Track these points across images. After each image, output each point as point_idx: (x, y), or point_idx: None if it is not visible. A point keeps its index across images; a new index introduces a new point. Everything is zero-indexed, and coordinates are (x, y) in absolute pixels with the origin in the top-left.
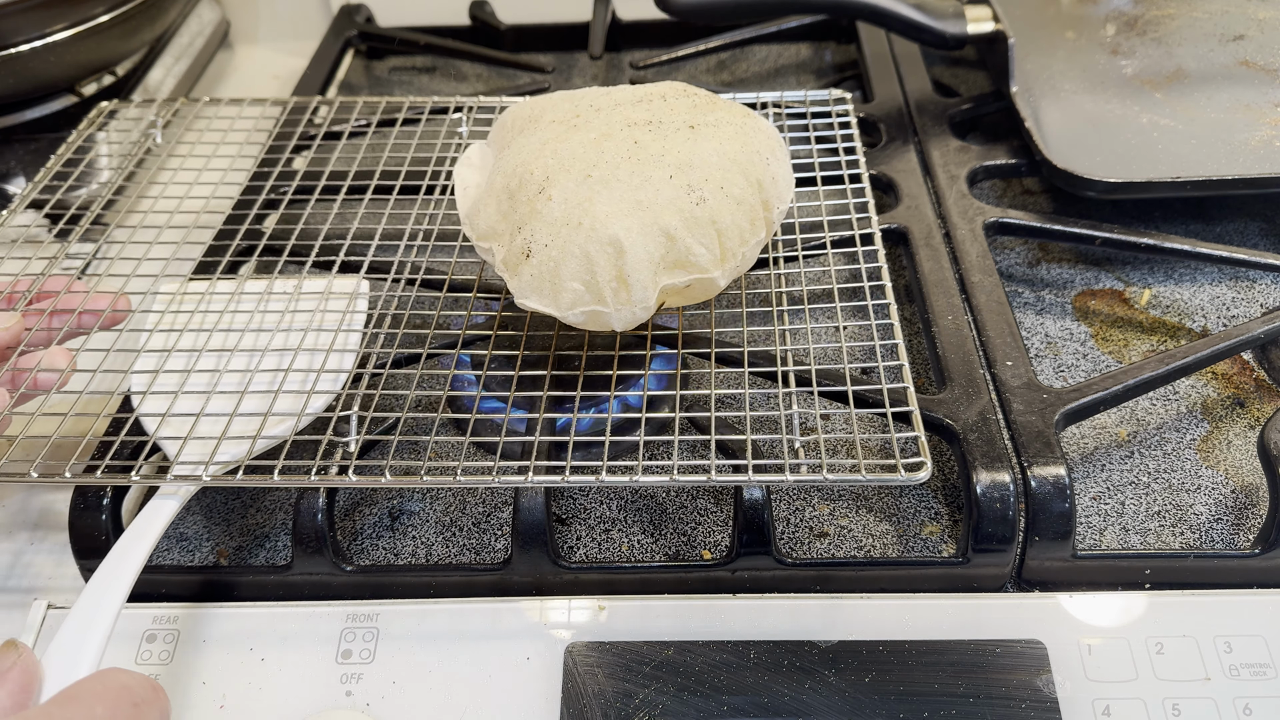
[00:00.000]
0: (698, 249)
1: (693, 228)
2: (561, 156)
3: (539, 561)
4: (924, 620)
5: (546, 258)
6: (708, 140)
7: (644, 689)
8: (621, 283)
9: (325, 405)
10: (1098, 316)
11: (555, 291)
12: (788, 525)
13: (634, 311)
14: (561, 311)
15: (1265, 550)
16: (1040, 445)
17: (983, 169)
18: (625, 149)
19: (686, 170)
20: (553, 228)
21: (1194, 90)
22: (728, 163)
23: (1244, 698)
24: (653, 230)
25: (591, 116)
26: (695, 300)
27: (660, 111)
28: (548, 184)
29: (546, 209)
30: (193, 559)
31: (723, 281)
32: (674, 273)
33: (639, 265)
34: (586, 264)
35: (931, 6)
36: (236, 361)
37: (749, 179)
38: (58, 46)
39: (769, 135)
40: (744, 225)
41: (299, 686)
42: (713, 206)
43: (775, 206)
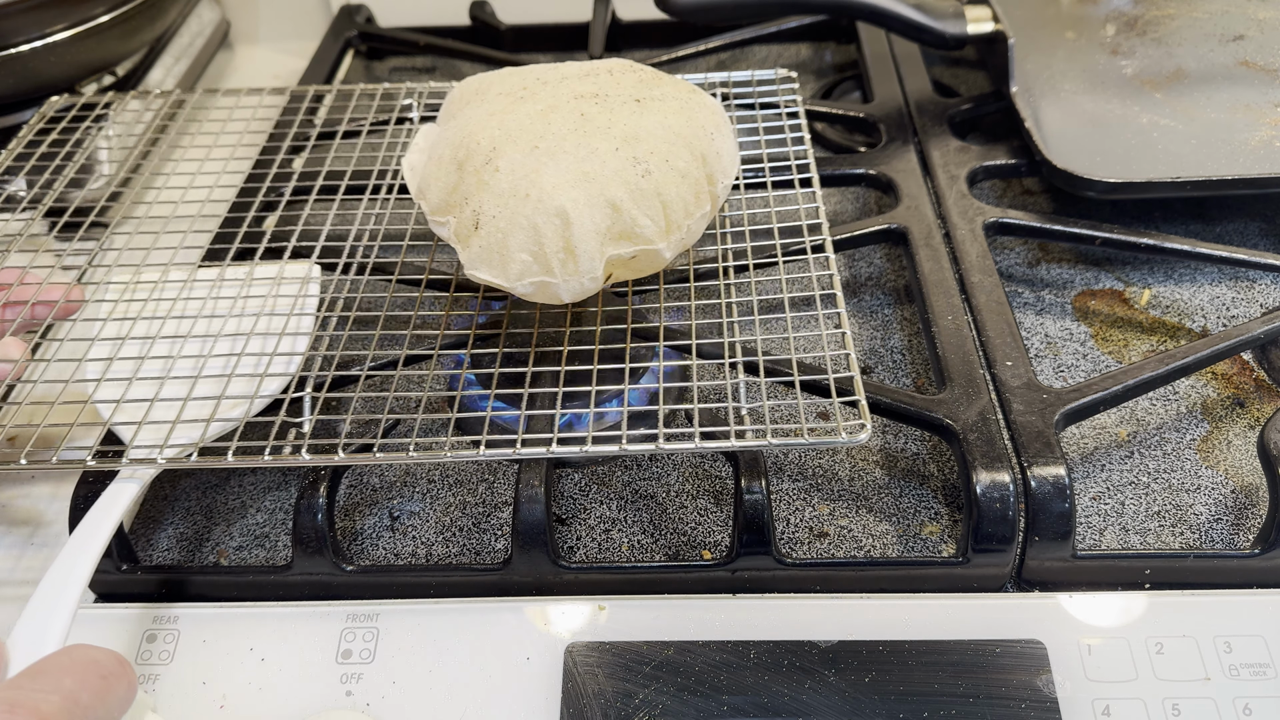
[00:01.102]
0: (643, 220)
1: (638, 199)
2: (508, 127)
3: (539, 561)
4: (924, 620)
5: (494, 229)
6: (653, 114)
7: (644, 689)
8: (569, 253)
9: (281, 387)
10: (1098, 316)
11: (504, 262)
12: (788, 525)
13: (582, 282)
14: (510, 282)
15: (1265, 550)
16: (1040, 445)
17: (983, 169)
18: (572, 121)
19: (632, 143)
20: (500, 199)
21: (1194, 90)
22: (673, 136)
23: (1244, 698)
24: (599, 201)
25: (538, 89)
26: (642, 273)
27: (606, 85)
28: (494, 155)
29: (494, 180)
30: (193, 559)
31: (668, 254)
32: (620, 244)
33: (586, 236)
34: (534, 235)
35: (931, 6)
36: (190, 347)
37: (694, 153)
38: (58, 46)
39: (714, 111)
40: (689, 198)
41: (299, 686)
42: (658, 179)
43: (720, 180)
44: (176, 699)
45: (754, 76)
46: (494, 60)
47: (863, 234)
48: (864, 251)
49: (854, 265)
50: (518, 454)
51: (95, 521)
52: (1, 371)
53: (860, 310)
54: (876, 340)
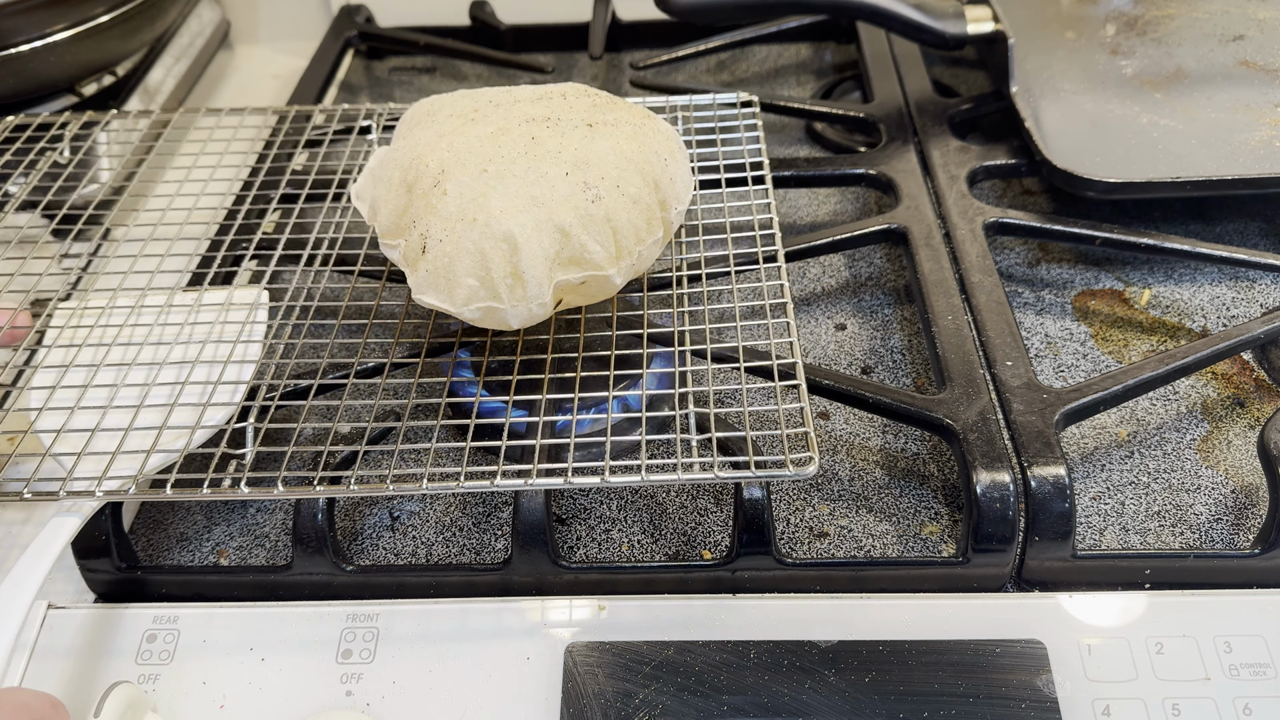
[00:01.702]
0: (593, 246)
1: (588, 225)
2: (457, 149)
3: (539, 561)
4: (924, 620)
5: (441, 253)
6: (605, 139)
7: (644, 689)
8: (516, 279)
9: (225, 418)
10: (1098, 316)
11: (450, 287)
12: (788, 525)
13: (530, 308)
14: (457, 308)
15: (1265, 550)
16: (1040, 445)
17: (983, 169)
18: (522, 144)
19: (583, 168)
20: (447, 223)
21: (1194, 90)
22: (624, 161)
23: (1244, 698)
24: (547, 227)
25: (490, 111)
26: (593, 299)
27: (559, 109)
28: (443, 178)
29: (441, 204)
30: (193, 559)
31: (619, 280)
32: (569, 269)
33: (534, 261)
34: (481, 260)
35: (931, 6)
36: (135, 375)
37: (646, 178)
38: (58, 46)
39: (667, 136)
40: (640, 224)
41: (299, 686)
42: (608, 204)
43: (673, 207)
44: (176, 699)
45: (715, 100)
46: (494, 60)
47: (863, 234)
48: (864, 251)
49: (854, 265)
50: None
51: (31, 562)
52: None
53: (860, 310)
54: (876, 340)
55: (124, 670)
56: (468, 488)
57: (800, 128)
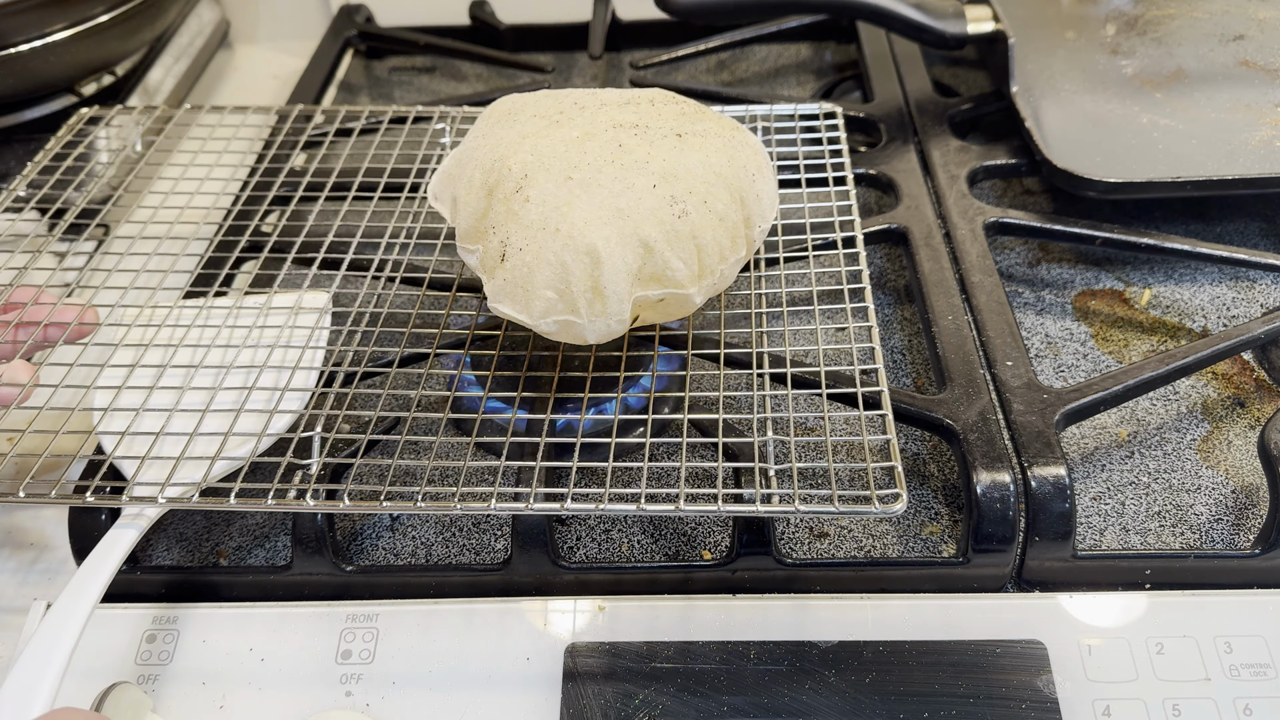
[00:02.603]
0: (676, 263)
1: (673, 241)
2: (541, 153)
3: (539, 561)
4: (924, 620)
5: (520, 263)
6: (694, 151)
7: (644, 689)
8: (597, 294)
9: (288, 425)
10: (1098, 316)
11: (528, 299)
12: (788, 525)
13: (608, 324)
14: (534, 320)
15: (1265, 550)
16: (1040, 445)
17: (983, 169)
18: (609, 152)
19: (671, 180)
20: (529, 232)
21: (1194, 90)
22: (713, 176)
23: (1244, 698)
24: (631, 241)
25: (575, 114)
26: (670, 317)
27: (647, 116)
28: (526, 183)
29: (524, 211)
30: (193, 559)
31: (698, 299)
32: (650, 286)
33: (616, 277)
34: (561, 272)
35: (931, 6)
36: (200, 379)
37: (733, 194)
38: (58, 46)
39: (756, 150)
40: (724, 242)
41: (299, 686)
42: (695, 221)
43: (757, 225)
44: (176, 699)
45: (796, 111)
46: (494, 60)
47: (863, 234)
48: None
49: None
50: (530, 508)
51: (89, 573)
52: (7, 396)
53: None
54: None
55: (124, 670)
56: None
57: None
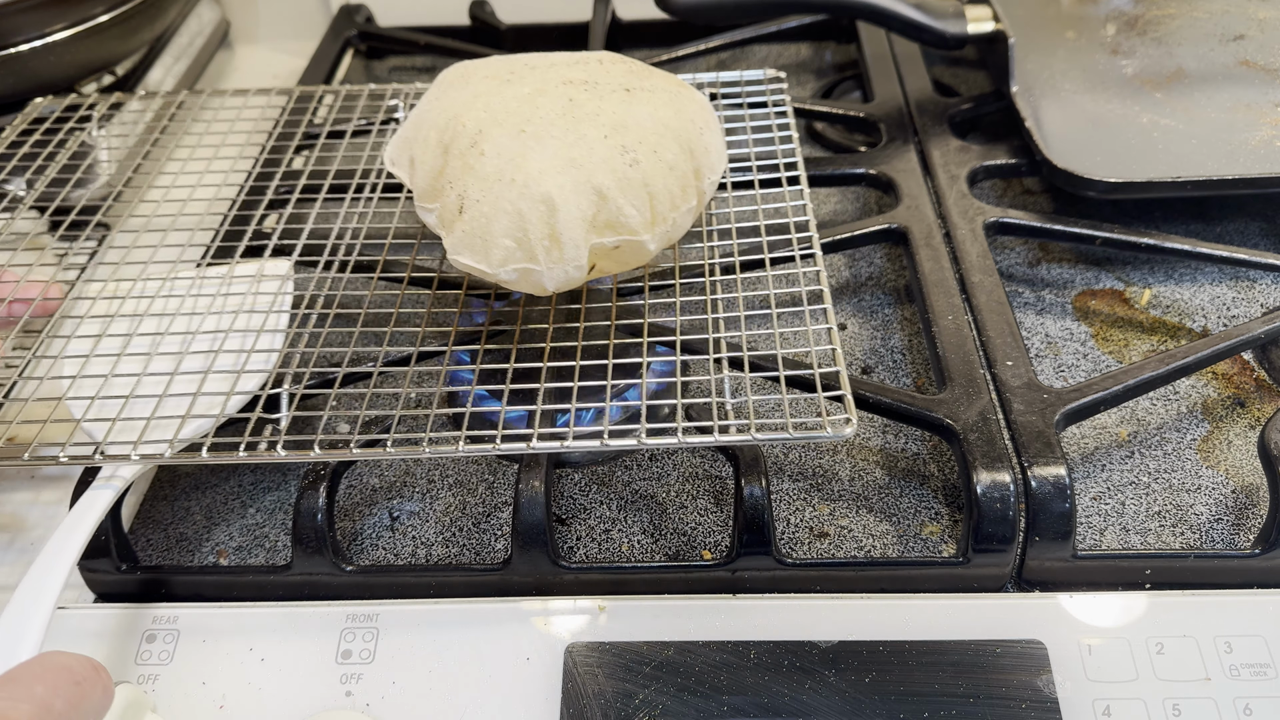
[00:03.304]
0: (629, 210)
1: (625, 189)
2: (494, 110)
3: (539, 561)
4: (924, 620)
5: (478, 214)
6: (643, 104)
7: (644, 689)
8: (554, 241)
9: (258, 384)
10: (1098, 316)
11: (486, 248)
12: (788, 525)
13: (566, 271)
14: (493, 268)
15: (1265, 550)
16: (1040, 445)
17: (983, 169)
18: (560, 106)
19: (621, 131)
20: (485, 183)
21: (1194, 90)
22: (661, 127)
23: (1244, 698)
24: (585, 189)
25: (526, 74)
26: (626, 266)
27: (596, 73)
28: (480, 138)
29: (479, 164)
30: (193, 559)
31: (653, 246)
32: (605, 233)
33: (571, 223)
34: (519, 220)
35: (931, 6)
36: (167, 345)
37: (682, 145)
38: (58, 46)
39: (702, 106)
40: (675, 191)
41: (299, 686)
42: (646, 169)
43: (707, 176)
44: (176, 699)
45: (742, 77)
46: None
47: (863, 234)
48: (864, 251)
49: (854, 265)
50: (497, 449)
51: (70, 528)
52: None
53: (860, 310)
54: (877, 340)
55: (124, 670)
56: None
57: (800, 128)
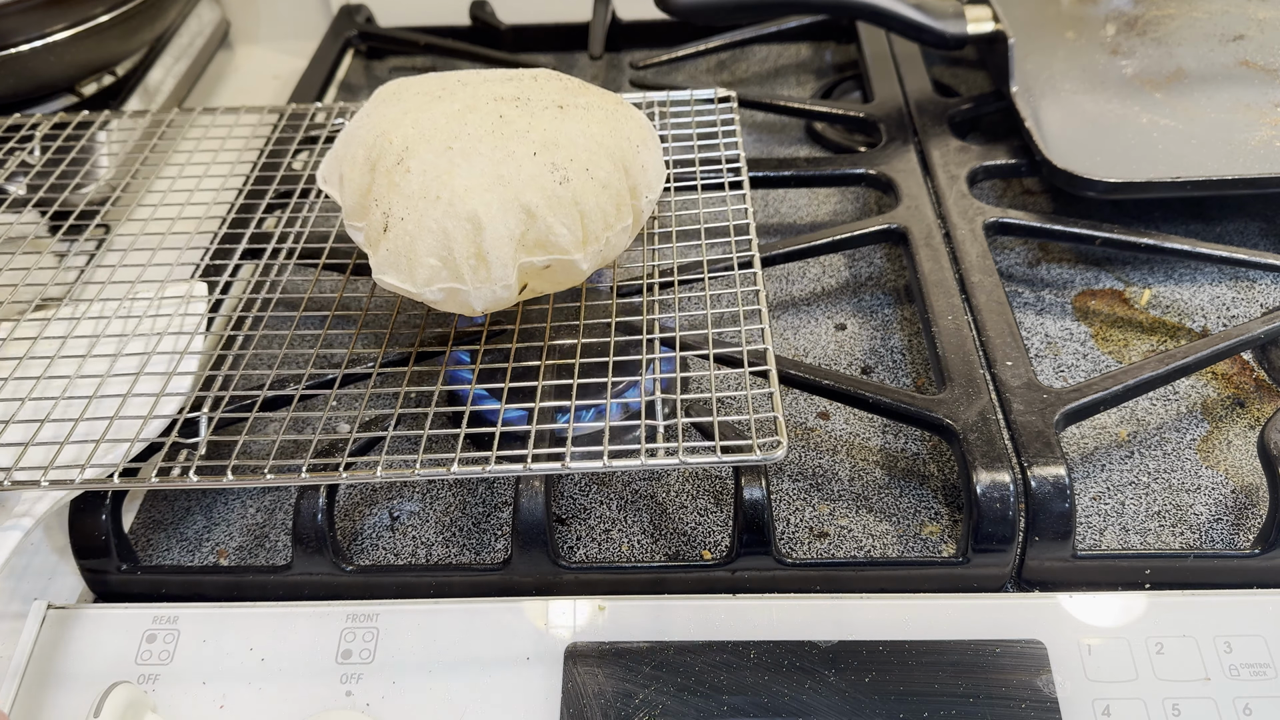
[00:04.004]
0: (559, 229)
1: (555, 207)
2: (422, 126)
3: (539, 561)
4: (924, 620)
5: (403, 232)
6: (575, 122)
7: (644, 689)
8: (480, 260)
9: (176, 408)
10: (1098, 316)
11: (411, 267)
12: (788, 525)
13: (494, 290)
14: (418, 288)
15: (1265, 550)
16: (1040, 445)
17: (983, 169)
18: (489, 123)
19: (551, 149)
20: (409, 201)
21: (1194, 90)
22: (594, 145)
23: (1244, 698)
24: (513, 207)
25: (457, 90)
26: (559, 286)
27: (529, 90)
28: (406, 155)
29: (404, 181)
30: (193, 559)
31: (585, 266)
32: (534, 252)
33: (498, 242)
34: (444, 239)
35: (931, 6)
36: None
37: (616, 164)
38: (58, 46)
39: (640, 124)
40: (609, 210)
41: (299, 686)
42: (576, 187)
43: (644, 195)
44: (176, 699)
45: (692, 96)
46: (494, 60)
47: (863, 234)
48: (864, 251)
49: (854, 265)
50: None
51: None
52: None
53: (860, 310)
54: (877, 340)
55: (124, 670)
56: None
57: (800, 128)
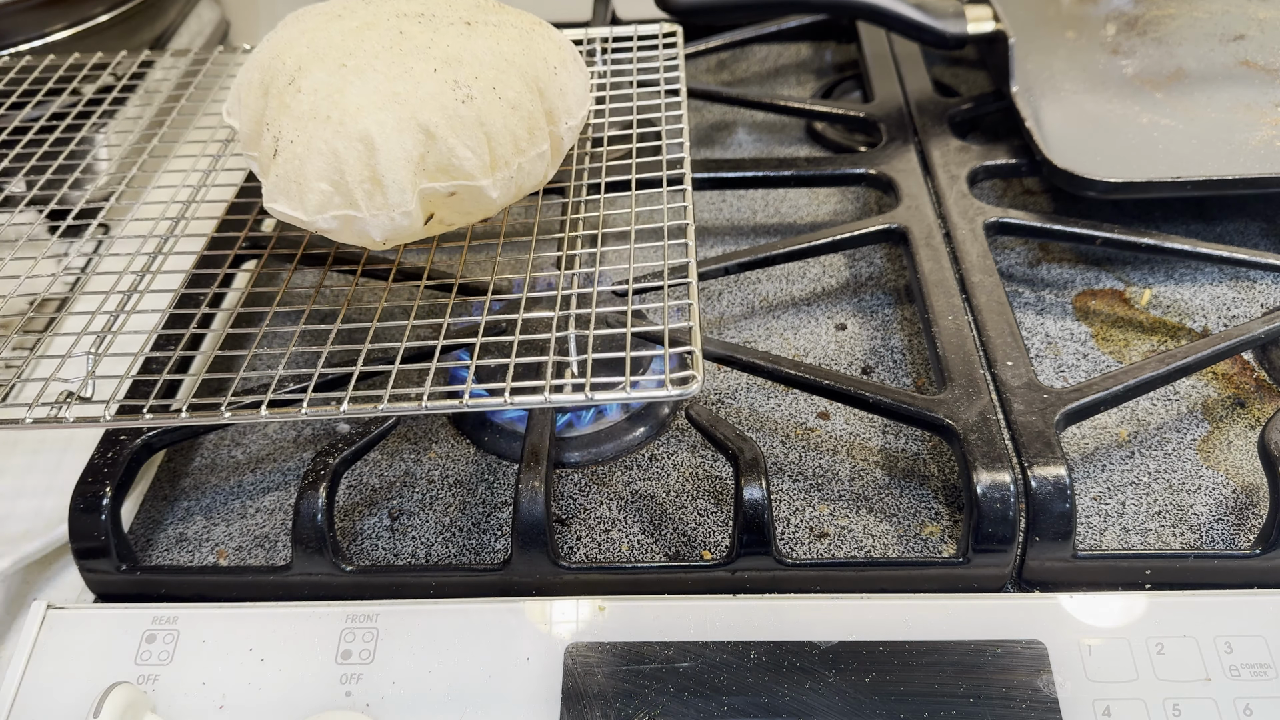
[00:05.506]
0: (462, 151)
1: (456, 127)
2: (317, 45)
3: (539, 562)
4: (924, 620)
5: (292, 155)
6: (483, 38)
7: (644, 689)
8: (375, 184)
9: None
10: (1098, 316)
11: (301, 193)
12: (788, 525)
13: (393, 218)
14: (309, 216)
15: (1265, 550)
16: (1040, 445)
17: (983, 169)
18: (388, 39)
19: (454, 65)
20: (299, 122)
21: (1194, 90)
22: (503, 63)
23: (1244, 698)
24: (410, 126)
25: (359, 7)
26: (470, 217)
27: (435, 6)
28: (298, 74)
29: (295, 102)
30: (193, 559)
31: (494, 193)
32: (436, 177)
33: (394, 164)
34: (334, 161)
35: (932, 6)
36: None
37: (528, 84)
38: (58, 46)
39: (560, 45)
40: (519, 133)
41: (299, 686)
42: (480, 106)
43: (563, 120)
44: (176, 699)
45: (636, 31)
46: None
47: (863, 234)
48: (864, 251)
49: (854, 265)
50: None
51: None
52: None
53: (860, 310)
54: (877, 340)
55: (123, 670)
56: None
57: (800, 128)
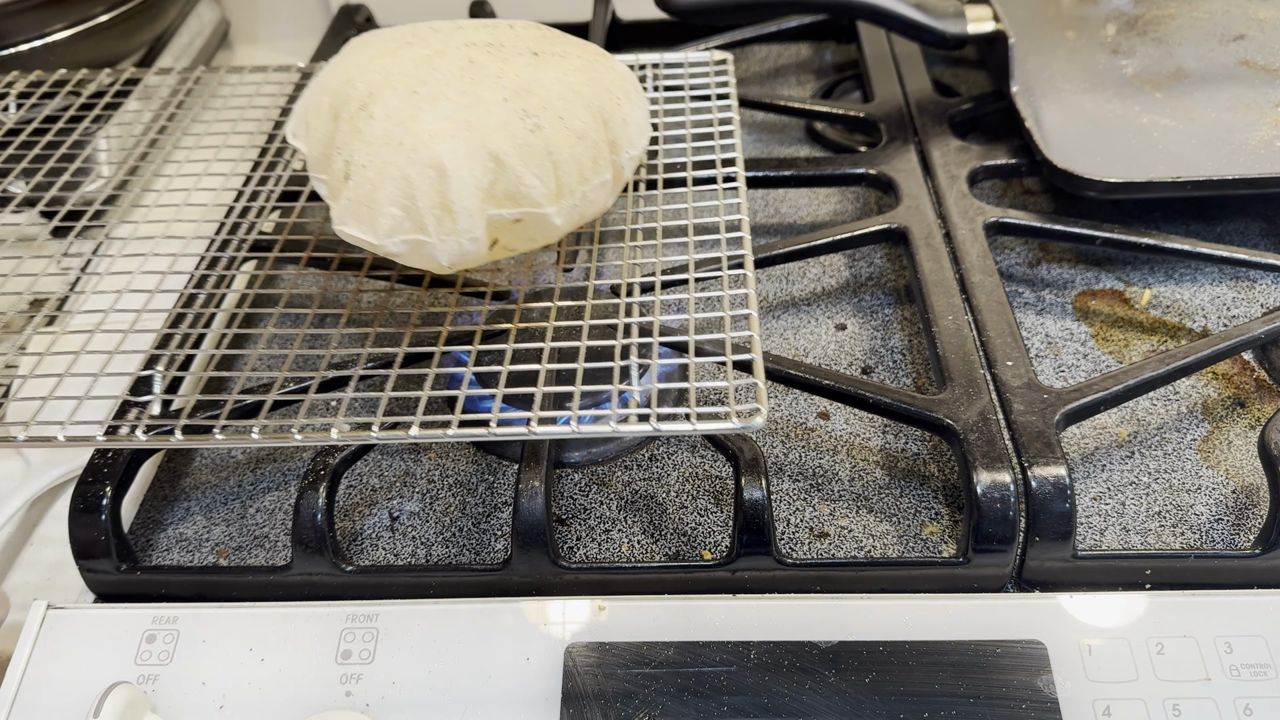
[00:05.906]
0: (530, 179)
1: (525, 156)
2: (388, 72)
3: (539, 562)
4: (924, 620)
5: (364, 179)
6: (551, 69)
7: (644, 689)
8: (445, 210)
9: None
10: (1098, 316)
11: (372, 217)
12: (788, 525)
13: (461, 243)
14: (380, 239)
15: (1266, 550)
16: (1041, 445)
17: (983, 169)
18: (459, 67)
19: (523, 95)
20: (371, 148)
21: (1194, 90)
22: (570, 94)
23: (1244, 698)
24: (480, 154)
25: (428, 36)
26: (533, 244)
27: (504, 36)
28: (370, 100)
29: (367, 127)
30: (193, 559)
31: (558, 220)
32: (503, 204)
33: (464, 191)
34: (406, 187)
35: (931, 6)
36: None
37: (593, 114)
38: (58, 46)
39: (622, 76)
40: (584, 162)
41: (299, 687)
42: (549, 135)
43: (625, 150)
44: (176, 699)
45: (686, 59)
46: None
47: (863, 234)
48: (864, 251)
49: (854, 265)
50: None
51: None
52: None
53: (860, 310)
54: (877, 340)
55: (123, 670)
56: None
57: (800, 128)
